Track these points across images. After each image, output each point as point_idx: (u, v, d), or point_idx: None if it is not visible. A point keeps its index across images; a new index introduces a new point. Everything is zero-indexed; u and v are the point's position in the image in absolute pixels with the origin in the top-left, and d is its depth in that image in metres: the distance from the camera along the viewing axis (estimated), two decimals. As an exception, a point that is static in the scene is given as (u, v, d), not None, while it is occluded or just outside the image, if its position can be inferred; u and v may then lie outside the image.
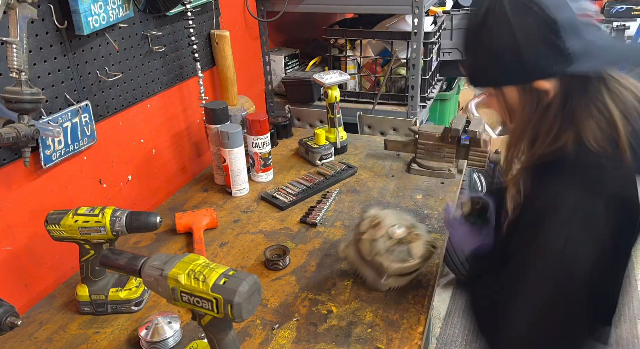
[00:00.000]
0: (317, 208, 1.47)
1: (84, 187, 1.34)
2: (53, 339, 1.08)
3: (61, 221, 1.06)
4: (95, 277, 1.12)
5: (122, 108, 1.44)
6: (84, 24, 1.20)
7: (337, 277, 1.22)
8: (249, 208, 1.52)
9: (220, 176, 1.63)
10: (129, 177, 1.50)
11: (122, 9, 1.32)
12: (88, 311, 1.14)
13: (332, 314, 1.11)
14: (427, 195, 1.54)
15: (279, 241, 1.36)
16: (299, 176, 1.66)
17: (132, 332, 1.09)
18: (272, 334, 1.06)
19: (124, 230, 1.06)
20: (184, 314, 1.11)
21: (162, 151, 1.63)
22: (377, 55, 2.19)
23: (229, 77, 1.82)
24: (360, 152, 1.83)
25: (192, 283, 0.79)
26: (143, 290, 1.15)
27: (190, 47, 1.62)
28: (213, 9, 1.76)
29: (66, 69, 1.23)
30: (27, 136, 1.05)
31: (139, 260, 0.86)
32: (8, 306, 0.96)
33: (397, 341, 1.03)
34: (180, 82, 1.67)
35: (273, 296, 1.17)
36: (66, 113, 1.23)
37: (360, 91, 2.23)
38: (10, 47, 1.00)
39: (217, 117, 1.54)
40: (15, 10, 0.99)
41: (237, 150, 1.50)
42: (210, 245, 1.36)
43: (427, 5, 1.93)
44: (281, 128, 1.93)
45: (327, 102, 1.71)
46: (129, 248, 1.36)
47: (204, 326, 0.83)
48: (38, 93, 1.06)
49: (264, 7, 2.07)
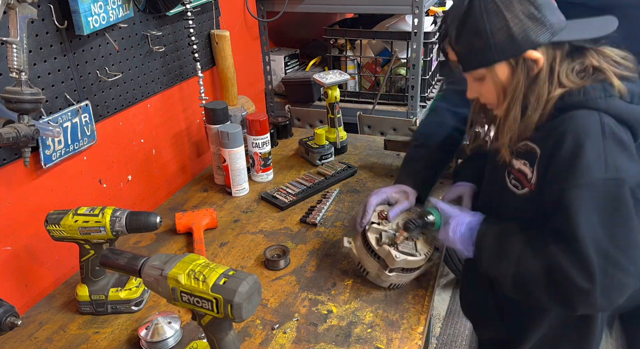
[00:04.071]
0: (317, 208, 1.47)
1: (84, 187, 1.34)
2: (53, 339, 1.08)
3: (61, 221, 1.06)
4: (95, 277, 1.12)
5: (122, 108, 1.44)
6: (84, 24, 1.20)
7: (337, 277, 1.22)
8: (249, 208, 1.52)
9: (220, 176, 1.63)
10: (129, 177, 1.50)
11: (122, 9, 1.32)
12: (88, 311, 1.14)
13: (332, 314, 1.11)
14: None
15: (279, 241, 1.36)
16: (299, 176, 1.66)
17: (132, 332, 1.09)
18: (272, 334, 1.06)
19: (124, 230, 1.06)
20: (184, 314, 1.11)
21: (162, 151, 1.63)
22: (377, 55, 2.19)
23: (229, 77, 1.82)
24: (360, 152, 1.83)
25: (192, 283, 0.79)
26: (143, 289, 1.15)
27: (190, 47, 1.63)
28: (213, 9, 1.76)
29: (66, 69, 1.24)
30: (27, 136, 1.05)
31: (139, 260, 0.86)
32: (8, 306, 0.96)
33: (397, 341, 1.03)
34: (180, 82, 1.67)
35: (273, 296, 1.17)
36: (66, 113, 1.23)
37: (360, 91, 2.23)
38: (10, 47, 1.00)
39: (217, 117, 1.54)
40: (15, 10, 0.99)
41: (237, 150, 1.50)
42: (210, 245, 1.36)
43: (427, 5, 1.93)
44: (281, 128, 1.93)
45: (327, 102, 1.71)
46: (129, 248, 1.36)
47: (204, 326, 0.83)
48: (38, 93, 1.06)
49: (264, 7, 2.07)
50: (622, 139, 0.86)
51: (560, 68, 0.91)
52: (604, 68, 0.90)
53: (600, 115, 0.87)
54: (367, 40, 2.19)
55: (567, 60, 0.92)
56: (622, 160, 0.85)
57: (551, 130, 0.91)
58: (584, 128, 0.86)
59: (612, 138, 0.86)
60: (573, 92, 0.90)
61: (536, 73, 0.91)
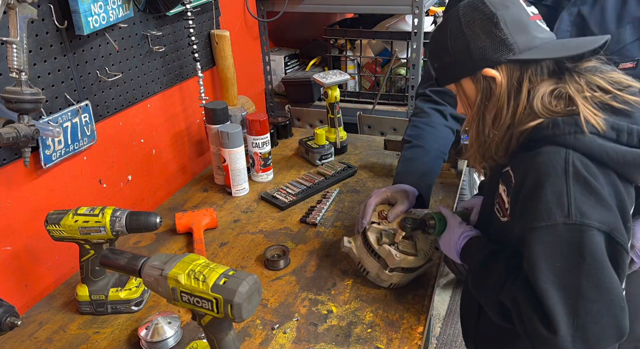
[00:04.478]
0: (317, 208, 1.47)
1: (84, 187, 1.34)
2: (53, 339, 1.08)
3: (61, 221, 1.06)
4: (95, 277, 1.12)
5: (122, 108, 1.44)
6: (84, 24, 1.20)
7: (337, 277, 1.22)
8: (249, 208, 1.52)
9: (220, 176, 1.63)
10: (129, 177, 1.50)
11: (122, 9, 1.32)
12: (88, 311, 1.14)
13: (332, 314, 1.11)
14: (427, 195, 1.53)
15: (279, 241, 1.36)
16: (299, 176, 1.66)
17: (132, 332, 1.09)
18: (272, 334, 1.06)
19: (124, 230, 1.06)
20: (184, 314, 1.11)
21: (162, 151, 1.63)
22: (377, 55, 2.19)
23: (229, 77, 1.82)
24: (360, 152, 1.83)
25: (192, 283, 0.79)
26: (143, 289, 1.15)
27: (190, 47, 1.62)
28: (213, 9, 1.76)
29: (66, 69, 1.24)
30: (27, 136, 1.05)
31: (139, 260, 0.86)
32: (8, 306, 0.96)
33: (397, 341, 1.03)
34: (180, 82, 1.67)
35: (273, 296, 1.17)
36: (66, 113, 1.23)
37: (360, 91, 2.23)
38: (10, 47, 1.00)
39: (217, 117, 1.54)
40: (15, 10, 0.99)
41: (237, 150, 1.50)
42: (210, 245, 1.36)
43: (427, 5, 1.93)
44: (281, 128, 1.93)
45: (327, 102, 1.71)
46: (129, 248, 1.36)
47: (204, 326, 0.83)
48: (38, 93, 1.06)
49: (264, 7, 2.07)
50: (589, 182, 0.78)
51: (533, 89, 0.86)
52: (574, 100, 0.82)
53: (568, 153, 0.80)
54: (367, 40, 2.19)
55: (548, 81, 0.86)
56: (588, 205, 0.77)
57: (522, 163, 0.86)
58: (546, 167, 0.80)
59: (576, 179, 0.78)
60: (543, 125, 0.83)
61: (495, 92, 0.88)
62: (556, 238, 0.78)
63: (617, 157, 0.80)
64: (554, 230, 0.78)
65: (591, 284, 0.76)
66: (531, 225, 0.80)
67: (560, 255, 0.78)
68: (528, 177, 0.82)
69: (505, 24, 0.85)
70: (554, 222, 0.78)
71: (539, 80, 0.86)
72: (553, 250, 0.78)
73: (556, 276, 0.77)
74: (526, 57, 0.85)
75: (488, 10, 0.86)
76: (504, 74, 0.87)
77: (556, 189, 0.79)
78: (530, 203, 0.81)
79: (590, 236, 0.77)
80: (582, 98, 0.83)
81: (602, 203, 0.78)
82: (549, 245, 0.78)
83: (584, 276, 0.76)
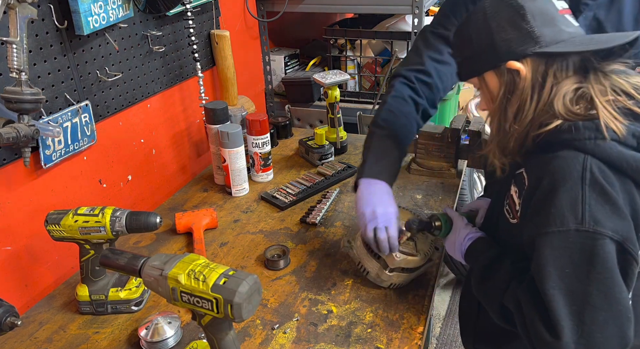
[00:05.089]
0: (317, 208, 1.47)
1: (84, 187, 1.34)
2: (53, 339, 1.08)
3: (61, 221, 1.06)
4: (95, 277, 1.12)
5: (122, 108, 1.44)
6: (84, 24, 1.20)
7: (337, 277, 1.22)
8: (249, 208, 1.52)
9: (220, 176, 1.63)
10: (129, 177, 1.50)
11: (122, 9, 1.32)
12: (88, 311, 1.14)
13: (332, 314, 1.11)
14: (427, 195, 1.54)
15: (279, 241, 1.36)
16: (299, 176, 1.66)
17: (132, 332, 1.09)
18: (272, 334, 1.06)
19: (124, 230, 1.06)
20: (184, 314, 1.11)
21: (162, 151, 1.63)
22: (377, 55, 2.19)
23: (229, 77, 1.82)
24: (360, 152, 1.82)
25: (192, 283, 0.79)
26: (143, 289, 1.15)
27: (190, 47, 1.62)
28: (213, 9, 1.76)
29: (66, 69, 1.23)
30: (27, 136, 1.05)
31: (139, 260, 0.86)
32: (8, 306, 0.96)
33: (397, 341, 1.03)
34: (180, 82, 1.67)
35: (273, 296, 1.17)
36: (66, 113, 1.23)
37: (360, 91, 2.23)
38: (10, 47, 1.00)
39: (217, 117, 1.54)
40: (15, 10, 0.99)
41: (237, 150, 1.50)
42: (210, 245, 1.36)
43: (427, 5, 1.93)
44: (281, 128, 1.93)
45: (327, 102, 1.71)
46: (129, 248, 1.36)
47: (204, 326, 0.83)
48: (38, 93, 1.06)
49: (264, 7, 2.07)
50: (605, 190, 0.77)
51: (557, 85, 0.84)
52: (596, 103, 0.81)
53: (586, 159, 0.79)
54: (367, 40, 2.19)
55: (572, 79, 0.84)
56: (603, 213, 0.76)
57: (537, 165, 0.85)
58: (562, 172, 0.79)
59: (593, 187, 0.77)
60: (563, 127, 0.82)
61: (519, 86, 0.86)
62: (568, 244, 0.77)
63: (637, 165, 0.78)
64: (565, 235, 0.77)
65: (600, 292, 0.75)
66: (543, 230, 0.79)
67: (571, 261, 0.77)
68: (543, 181, 0.81)
69: (532, 15, 0.83)
70: (567, 228, 0.77)
71: (563, 76, 0.84)
72: (563, 255, 0.77)
73: (564, 282, 0.77)
74: (553, 50, 0.83)
75: (515, 2, 0.85)
76: (529, 67, 0.85)
77: (571, 195, 0.77)
78: (543, 207, 0.80)
79: (602, 245, 0.75)
80: (605, 102, 0.81)
81: (617, 212, 0.77)
82: (559, 251, 0.77)
83: (593, 284, 0.75)
